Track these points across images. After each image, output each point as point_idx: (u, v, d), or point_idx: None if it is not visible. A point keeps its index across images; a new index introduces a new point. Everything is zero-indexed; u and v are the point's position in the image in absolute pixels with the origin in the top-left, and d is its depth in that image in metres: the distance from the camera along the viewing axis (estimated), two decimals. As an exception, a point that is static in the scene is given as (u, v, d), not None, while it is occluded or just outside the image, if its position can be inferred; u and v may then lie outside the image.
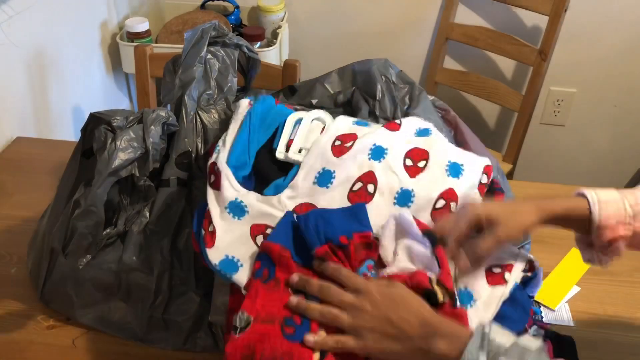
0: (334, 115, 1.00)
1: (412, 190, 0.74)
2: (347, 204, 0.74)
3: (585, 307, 0.95)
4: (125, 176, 0.83)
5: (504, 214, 0.69)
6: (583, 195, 0.70)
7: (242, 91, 1.08)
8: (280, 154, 0.78)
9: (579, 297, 0.97)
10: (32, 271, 0.95)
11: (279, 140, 0.80)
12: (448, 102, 1.07)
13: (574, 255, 1.04)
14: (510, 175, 2.01)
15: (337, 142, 0.78)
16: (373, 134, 0.79)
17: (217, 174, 0.74)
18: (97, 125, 0.83)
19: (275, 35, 1.93)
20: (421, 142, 0.81)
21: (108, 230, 0.85)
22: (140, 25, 1.75)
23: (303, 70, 1.45)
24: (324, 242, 0.67)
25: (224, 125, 0.89)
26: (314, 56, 2.15)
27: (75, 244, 0.83)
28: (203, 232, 0.72)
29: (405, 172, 0.76)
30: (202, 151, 0.89)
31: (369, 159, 0.76)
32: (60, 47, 1.52)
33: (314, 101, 1.01)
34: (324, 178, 0.76)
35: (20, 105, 1.38)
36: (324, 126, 0.81)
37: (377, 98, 0.97)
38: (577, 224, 0.71)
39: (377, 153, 0.77)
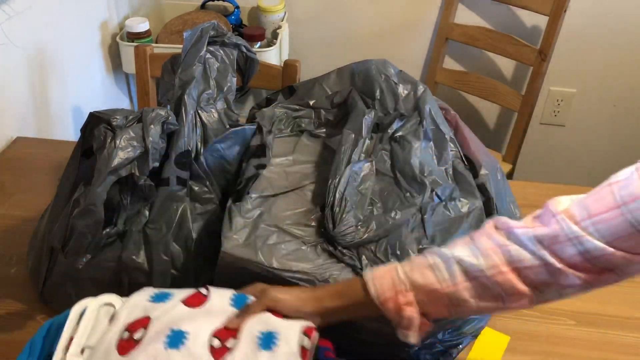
0: (329, 113, 0.99)
1: None
2: None
3: (585, 307, 0.95)
4: (126, 176, 0.83)
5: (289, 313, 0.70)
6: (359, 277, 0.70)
7: (240, 91, 1.08)
8: None
9: (578, 297, 0.97)
10: (32, 271, 0.95)
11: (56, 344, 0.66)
12: (448, 102, 1.07)
13: (486, 338, 0.90)
14: (510, 175, 2.01)
15: (126, 335, 0.65)
16: (169, 314, 0.66)
17: None
18: (96, 125, 0.83)
19: (275, 35, 1.93)
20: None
21: (108, 230, 0.85)
22: (141, 25, 1.75)
23: (303, 70, 1.45)
24: None
25: (224, 127, 0.90)
26: (314, 56, 2.15)
27: (74, 243, 0.83)
28: None
29: (211, 356, 0.63)
30: (201, 150, 0.89)
31: (166, 348, 0.63)
32: (60, 47, 1.53)
33: (312, 102, 1.01)
34: None
35: (20, 105, 1.38)
36: (114, 313, 0.68)
37: (377, 97, 0.97)
38: (363, 309, 0.69)
39: (176, 339, 0.64)
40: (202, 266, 0.87)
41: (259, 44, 1.86)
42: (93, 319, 0.69)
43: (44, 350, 0.70)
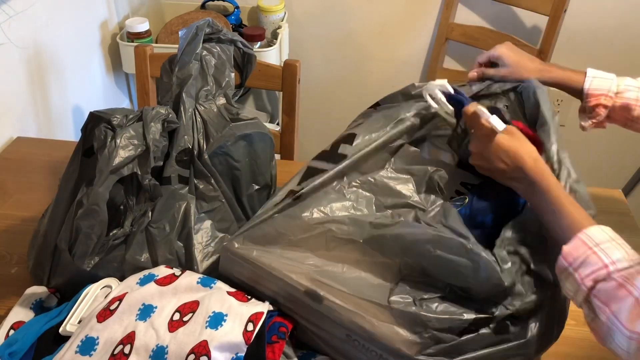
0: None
1: (167, 346, 0.72)
2: None
3: (586, 306, 0.95)
4: (129, 176, 0.83)
5: (513, 63, 0.93)
6: (584, 72, 0.93)
7: (239, 88, 1.07)
8: (62, 328, 0.79)
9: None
10: (34, 271, 0.95)
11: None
12: (448, 101, 1.06)
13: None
14: (510, 175, 2.01)
15: (105, 306, 0.78)
16: (141, 291, 0.78)
17: None
18: (97, 124, 0.83)
19: (275, 35, 1.93)
20: (199, 294, 0.78)
21: (115, 231, 0.85)
22: (140, 25, 1.75)
23: (303, 70, 1.45)
24: None
25: (224, 120, 0.89)
26: (314, 56, 2.15)
27: (80, 244, 0.83)
28: None
29: (167, 328, 0.74)
30: (203, 147, 0.89)
31: (136, 319, 0.75)
32: (60, 47, 1.53)
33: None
34: (87, 346, 0.74)
35: (20, 105, 1.38)
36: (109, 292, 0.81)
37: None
38: (570, 91, 0.95)
39: (145, 312, 0.76)
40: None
41: (259, 44, 1.86)
42: (92, 297, 0.82)
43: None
